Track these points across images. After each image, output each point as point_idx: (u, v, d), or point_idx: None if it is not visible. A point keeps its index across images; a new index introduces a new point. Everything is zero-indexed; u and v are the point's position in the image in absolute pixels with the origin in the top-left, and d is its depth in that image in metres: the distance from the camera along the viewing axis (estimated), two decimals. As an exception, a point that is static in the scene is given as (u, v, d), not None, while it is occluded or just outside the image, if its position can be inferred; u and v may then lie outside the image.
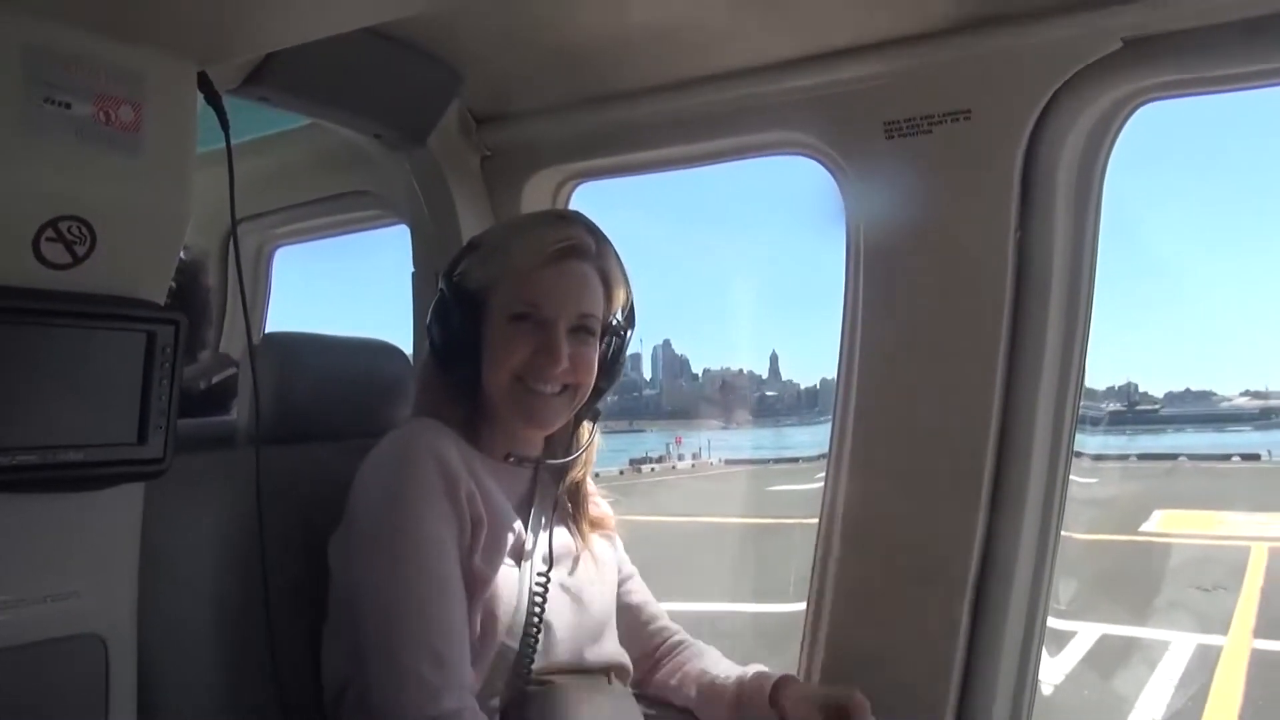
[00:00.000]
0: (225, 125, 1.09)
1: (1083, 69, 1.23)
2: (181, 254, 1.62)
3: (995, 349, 1.34)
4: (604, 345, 1.27)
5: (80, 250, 0.93)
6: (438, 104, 1.52)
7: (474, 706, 1.10)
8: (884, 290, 1.41)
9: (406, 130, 1.54)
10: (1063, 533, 1.43)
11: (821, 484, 1.50)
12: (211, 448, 1.32)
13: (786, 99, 1.39)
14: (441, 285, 1.27)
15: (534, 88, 1.55)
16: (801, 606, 1.52)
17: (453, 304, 1.24)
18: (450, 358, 1.24)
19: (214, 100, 1.07)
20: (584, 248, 1.23)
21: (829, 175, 1.42)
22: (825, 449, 1.52)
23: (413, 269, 1.73)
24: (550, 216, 1.29)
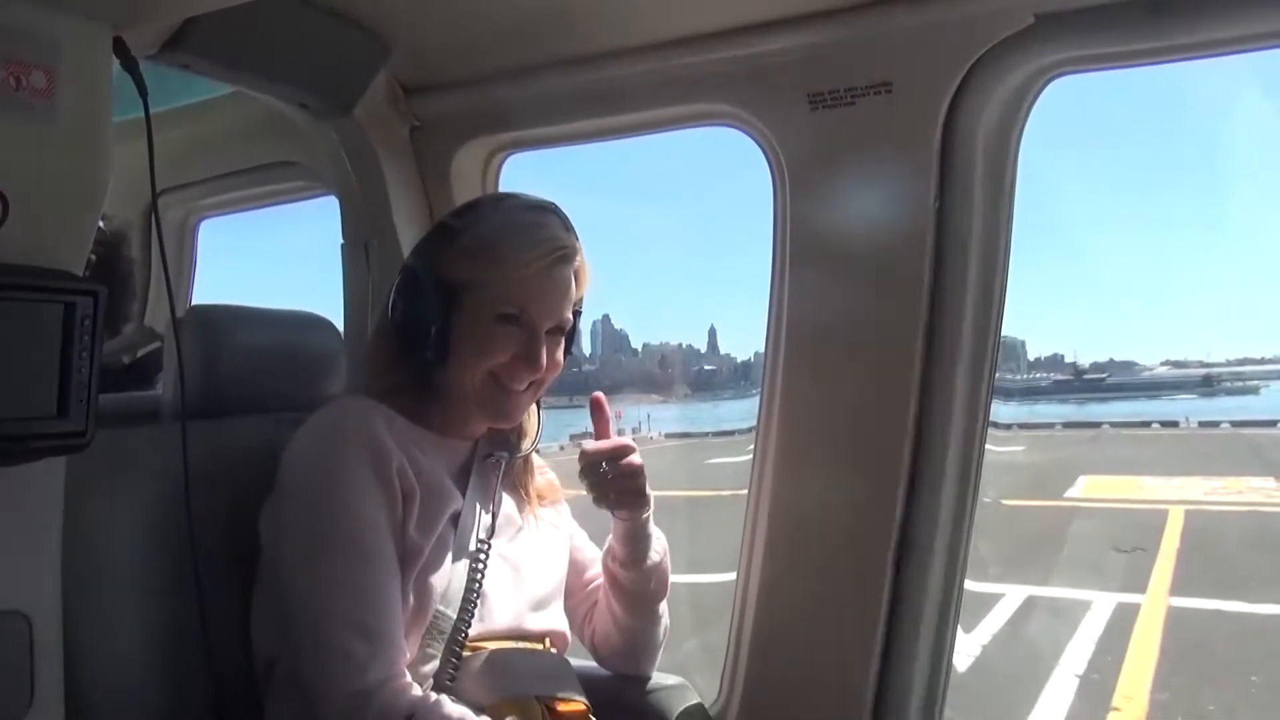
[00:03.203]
0: (144, 92, 1.07)
1: (997, 44, 1.26)
2: (102, 225, 1.58)
3: (916, 318, 1.38)
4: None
5: (-8, 220, 0.91)
6: (365, 73, 1.50)
7: (403, 676, 1.11)
8: (809, 260, 1.43)
9: (333, 99, 1.52)
10: (991, 499, 1.47)
11: (748, 457, 1.53)
12: (136, 422, 1.30)
13: (713, 70, 1.40)
14: (413, 265, 1.25)
15: (462, 58, 1.54)
16: (712, 577, 1.55)
17: (426, 288, 1.22)
18: (413, 339, 1.23)
19: (130, 66, 1.05)
20: (570, 253, 1.24)
21: (757, 147, 1.44)
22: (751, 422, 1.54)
23: (341, 240, 1.71)
24: (533, 212, 1.27)
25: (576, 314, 1.31)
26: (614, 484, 1.30)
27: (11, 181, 0.91)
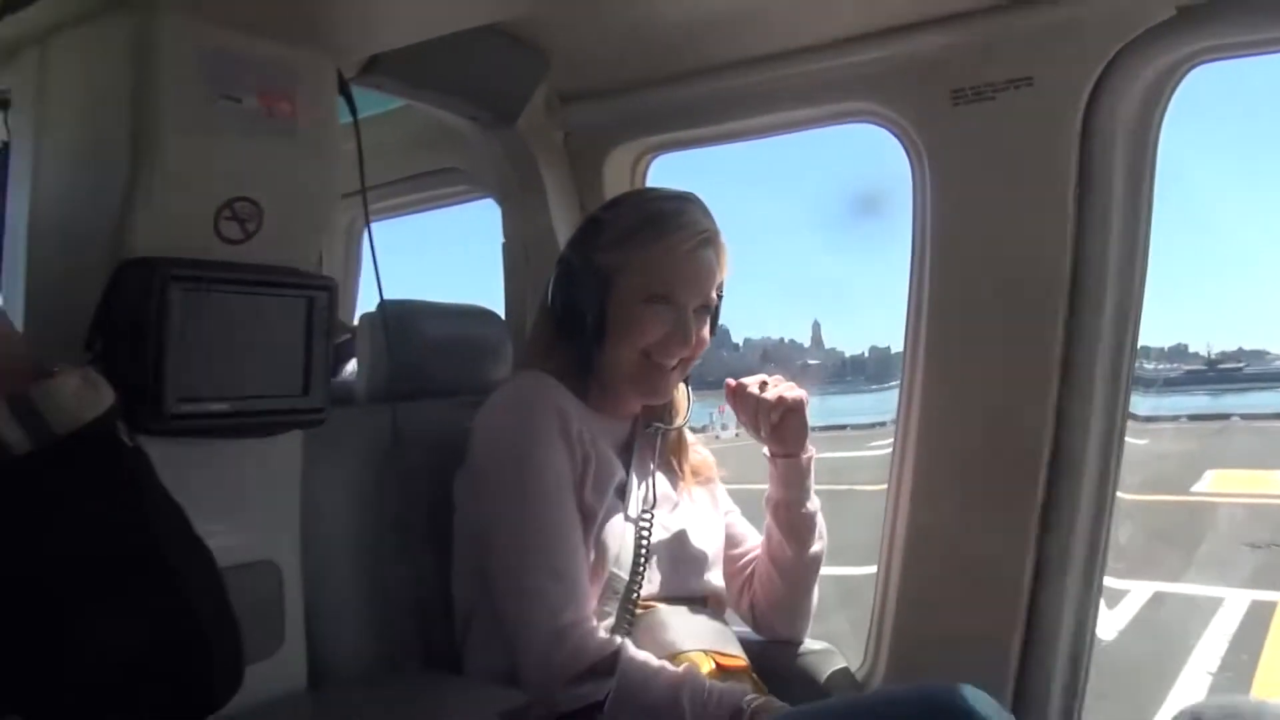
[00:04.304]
0: (354, 111, 1.22)
1: (1138, 35, 1.30)
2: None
3: (1055, 308, 1.42)
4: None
5: (250, 227, 1.07)
6: (527, 86, 1.64)
7: (592, 621, 1.24)
8: (950, 252, 1.49)
9: (499, 111, 1.66)
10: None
11: (870, 451, 1.60)
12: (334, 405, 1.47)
13: (856, 71, 1.48)
14: (568, 257, 1.39)
15: (614, 68, 1.66)
16: (851, 570, 1.61)
17: (581, 277, 1.36)
18: (571, 325, 1.37)
19: (345, 89, 1.20)
20: (711, 237, 1.36)
21: (897, 142, 1.52)
22: (872, 418, 1.61)
23: (503, 240, 1.86)
24: (675, 200, 1.39)
25: (719, 296, 1.42)
26: (765, 410, 1.41)
27: (265, 193, 1.07)
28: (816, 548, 1.47)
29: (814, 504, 1.46)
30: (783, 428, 1.42)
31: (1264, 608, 5.62)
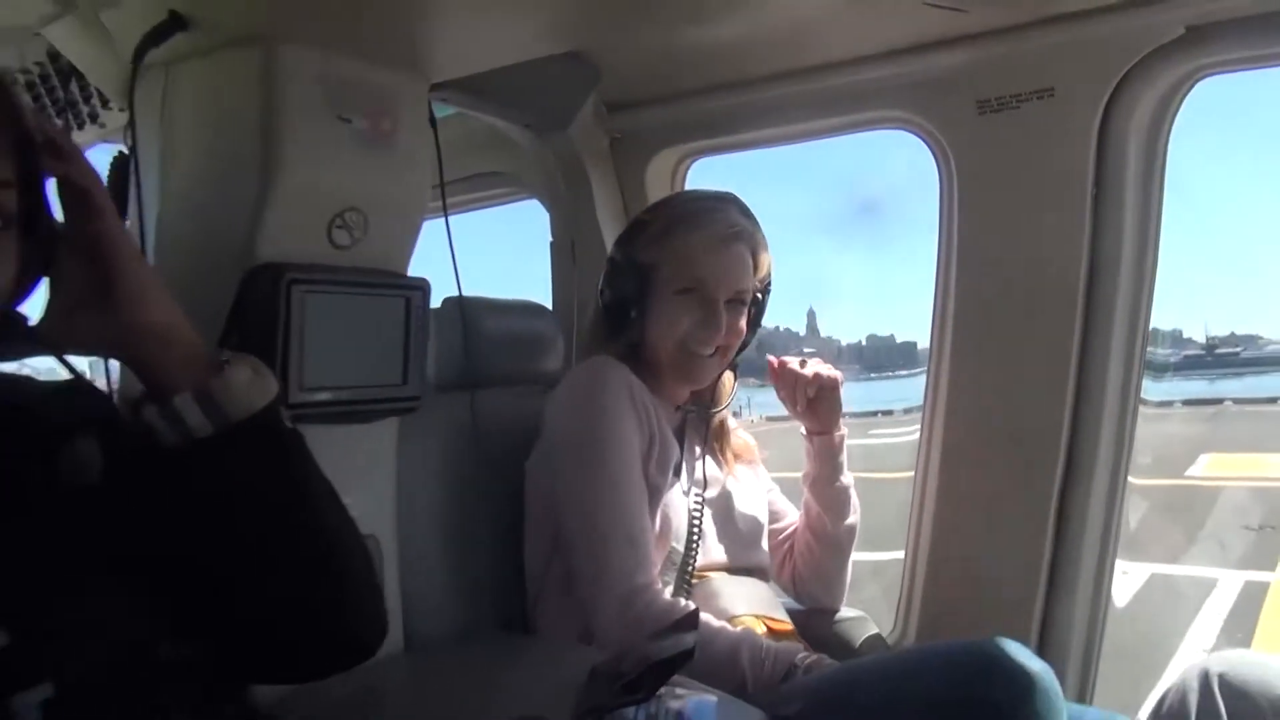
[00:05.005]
0: (434, 123, 1.33)
1: (1151, 51, 1.42)
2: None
3: (1073, 304, 1.53)
4: (752, 308, 1.51)
5: (357, 234, 1.19)
6: (579, 95, 1.75)
7: (659, 584, 1.36)
8: (974, 251, 1.61)
9: (552, 119, 1.78)
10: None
11: (867, 440, 1.72)
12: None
13: (890, 83, 1.59)
14: (615, 256, 1.51)
15: (660, 79, 1.77)
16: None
17: (625, 274, 1.48)
18: (618, 318, 1.49)
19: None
20: (742, 232, 1.47)
21: (925, 147, 1.64)
22: (870, 406, 1.72)
23: (550, 239, 1.98)
24: (711, 200, 1.50)
25: (762, 292, 1.52)
26: (803, 385, 1.53)
27: (369, 202, 1.19)
28: (851, 520, 1.60)
29: (847, 479, 1.59)
30: (818, 405, 1.55)
31: (1258, 588, 5.76)
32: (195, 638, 0.77)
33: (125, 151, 1.16)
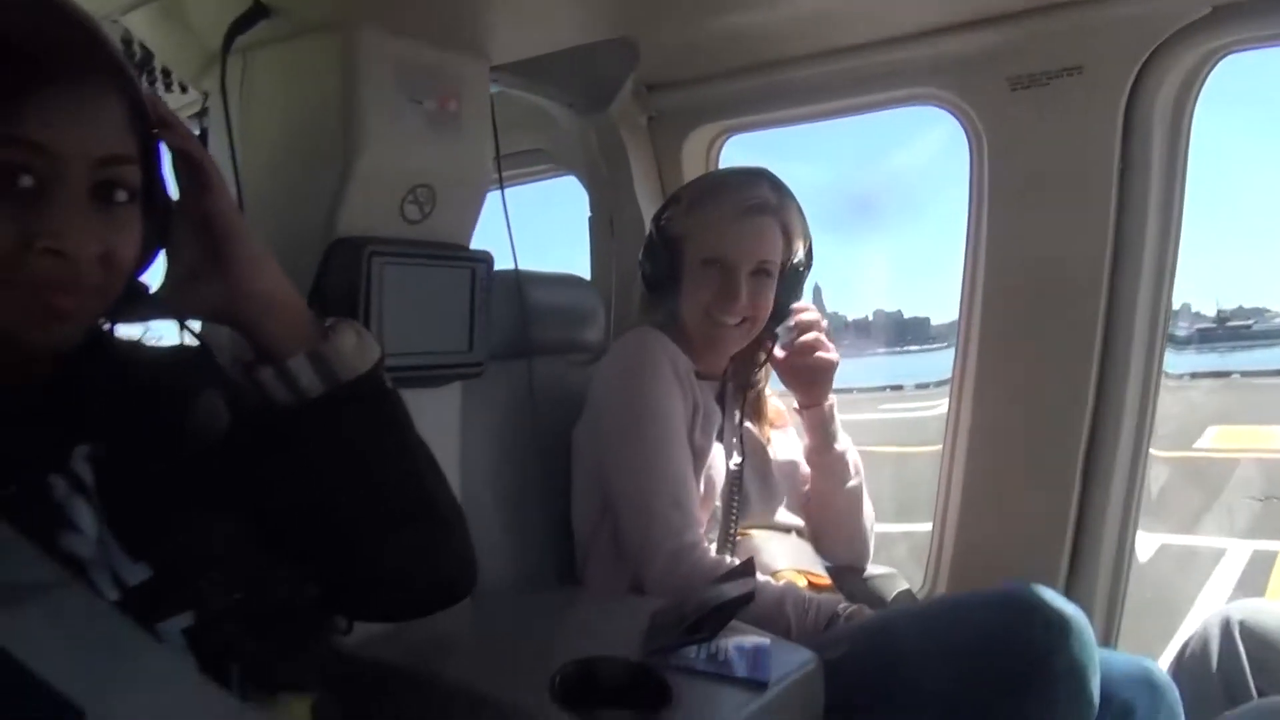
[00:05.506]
0: (491, 105, 1.39)
1: (1177, 30, 1.47)
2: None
3: (1100, 276, 1.58)
4: (783, 283, 1.56)
5: (427, 209, 1.26)
6: (620, 75, 1.81)
7: (705, 544, 1.43)
8: (1003, 227, 1.66)
9: (594, 98, 1.84)
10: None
11: (879, 415, 1.78)
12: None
13: (924, 61, 1.65)
14: (652, 229, 1.58)
15: (698, 60, 1.83)
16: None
17: (659, 246, 1.55)
18: (658, 288, 1.56)
19: (481, 86, 1.38)
20: (766, 205, 1.52)
21: (957, 123, 1.69)
22: (879, 382, 1.77)
23: (589, 214, 2.05)
24: (741, 175, 1.56)
25: (796, 268, 1.58)
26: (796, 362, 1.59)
27: (437, 179, 1.25)
28: (853, 483, 1.66)
29: (841, 444, 1.65)
30: (812, 385, 1.62)
31: (1265, 557, 5.84)
32: (310, 578, 0.84)
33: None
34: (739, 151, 2.03)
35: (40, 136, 0.66)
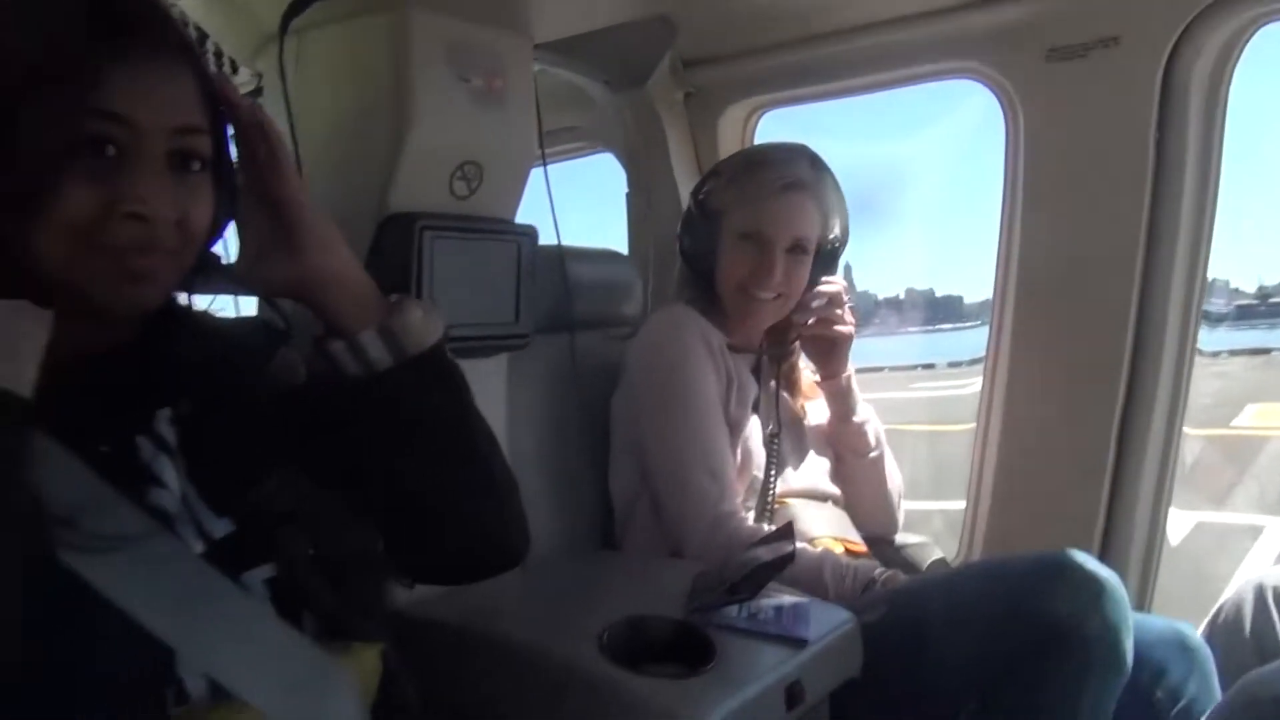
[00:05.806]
0: (534, 81, 1.42)
1: (1213, 1, 1.47)
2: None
3: (1135, 249, 1.59)
4: (818, 260, 1.58)
5: (474, 185, 1.30)
6: (657, 53, 1.84)
7: (742, 513, 1.47)
8: (1039, 200, 1.66)
9: (632, 75, 1.87)
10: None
11: (911, 393, 1.79)
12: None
13: (961, 34, 1.66)
14: (690, 204, 1.61)
15: (734, 35, 1.85)
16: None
17: (697, 221, 1.58)
18: (696, 261, 1.59)
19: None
20: (803, 182, 1.54)
21: (994, 96, 1.70)
22: (912, 361, 1.78)
23: (626, 190, 2.08)
24: (782, 150, 1.58)
25: (832, 244, 1.60)
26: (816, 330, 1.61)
27: (484, 155, 1.29)
28: (875, 453, 1.69)
29: (861, 416, 1.67)
30: (830, 356, 1.64)
31: (1303, 533, 5.79)
32: (379, 540, 0.89)
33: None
34: (775, 126, 2.05)
35: (122, 108, 0.70)
